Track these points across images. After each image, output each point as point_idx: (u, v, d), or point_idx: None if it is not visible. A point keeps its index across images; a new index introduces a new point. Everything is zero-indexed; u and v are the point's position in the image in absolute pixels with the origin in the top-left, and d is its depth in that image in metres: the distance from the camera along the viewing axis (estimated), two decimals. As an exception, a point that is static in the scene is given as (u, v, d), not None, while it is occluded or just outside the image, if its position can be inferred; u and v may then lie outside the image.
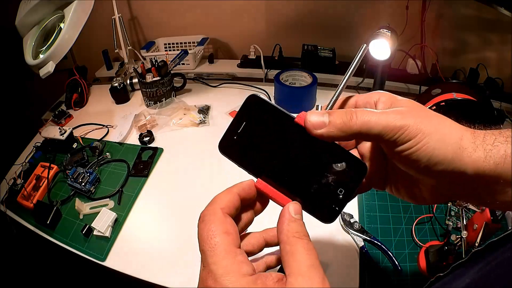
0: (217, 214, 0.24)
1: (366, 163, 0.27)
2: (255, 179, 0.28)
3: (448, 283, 0.28)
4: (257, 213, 0.29)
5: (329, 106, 0.28)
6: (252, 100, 0.27)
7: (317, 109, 0.27)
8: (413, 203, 0.30)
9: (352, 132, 0.24)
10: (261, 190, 0.27)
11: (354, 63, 0.28)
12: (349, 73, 0.28)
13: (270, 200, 0.28)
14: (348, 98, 0.30)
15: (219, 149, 0.27)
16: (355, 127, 0.24)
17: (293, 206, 0.26)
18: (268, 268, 0.29)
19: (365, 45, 0.28)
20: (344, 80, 0.28)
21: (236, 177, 0.27)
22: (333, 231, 0.62)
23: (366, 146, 0.29)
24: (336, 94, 0.28)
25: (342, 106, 0.30)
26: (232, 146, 0.27)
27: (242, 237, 0.28)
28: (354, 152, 0.30)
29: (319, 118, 0.25)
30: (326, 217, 0.26)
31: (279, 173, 0.27)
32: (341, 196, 0.26)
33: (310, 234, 0.24)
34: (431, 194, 0.28)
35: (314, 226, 0.28)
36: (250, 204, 0.28)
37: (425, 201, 0.29)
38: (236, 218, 0.27)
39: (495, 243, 0.25)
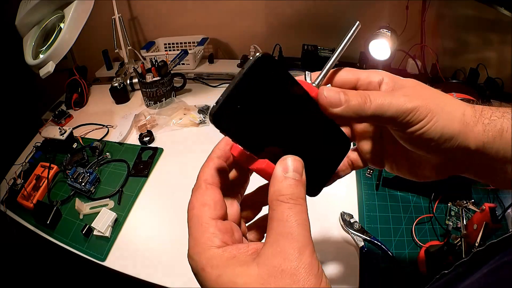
0: (200, 188, 0.24)
1: (362, 142, 0.29)
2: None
3: (451, 280, 0.28)
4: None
5: (321, 75, 0.27)
6: (265, 62, 0.21)
7: (305, 76, 0.27)
8: (414, 179, 0.30)
9: (366, 115, 0.23)
10: (256, 168, 0.23)
11: (346, 39, 0.27)
12: (341, 47, 0.27)
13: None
14: (339, 71, 0.28)
15: (213, 119, 0.20)
16: (369, 111, 0.23)
17: (285, 162, 0.22)
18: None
19: (358, 22, 0.26)
20: (336, 53, 0.27)
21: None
22: (333, 231, 0.62)
23: (361, 124, 0.30)
24: (329, 65, 0.27)
25: (334, 79, 0.28)
26: (232, 116, 0.20)
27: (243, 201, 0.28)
28: (347, 129, 0.30)
29: (335, 95, 0.23)
30: (310, 191, 0.25)
31: (279, 143, 0.23)
32: (325, 170, 0.26)
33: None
34: (433, 171, 0.29)
35: (313, 226, 0.28)
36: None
37: (427, 178, 0.29)
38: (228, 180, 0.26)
39: (495, 244, 0.25)
